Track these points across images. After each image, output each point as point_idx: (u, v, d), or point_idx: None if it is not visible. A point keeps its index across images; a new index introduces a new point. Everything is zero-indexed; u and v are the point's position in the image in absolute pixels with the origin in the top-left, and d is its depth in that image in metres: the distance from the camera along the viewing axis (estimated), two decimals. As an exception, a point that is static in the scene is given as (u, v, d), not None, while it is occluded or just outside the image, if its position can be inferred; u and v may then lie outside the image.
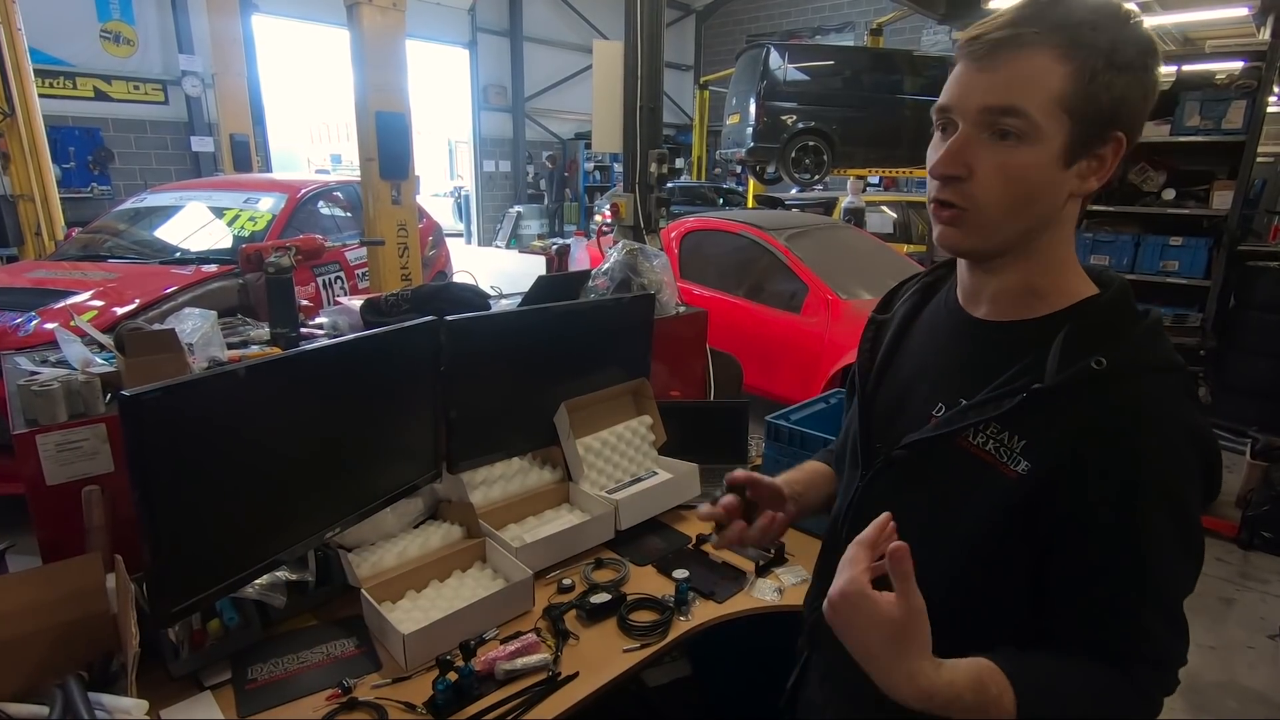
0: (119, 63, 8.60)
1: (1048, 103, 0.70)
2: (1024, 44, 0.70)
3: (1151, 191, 5.11)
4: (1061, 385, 0.73)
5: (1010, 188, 0.73)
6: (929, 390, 0.86)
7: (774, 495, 1.03)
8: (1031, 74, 0.70)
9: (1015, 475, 0.75)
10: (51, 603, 1.16)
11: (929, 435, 0.82)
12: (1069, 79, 0.69)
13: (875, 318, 1.01)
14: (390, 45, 4.04)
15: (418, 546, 1.52)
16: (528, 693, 1.22)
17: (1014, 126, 0.71)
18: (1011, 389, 0.76)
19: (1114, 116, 0.71)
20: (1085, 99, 0.70)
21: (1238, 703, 2.49)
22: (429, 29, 12.02)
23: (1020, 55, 0.70)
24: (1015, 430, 0.76)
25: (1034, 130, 0.70)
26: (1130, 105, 0.72)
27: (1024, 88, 0.70)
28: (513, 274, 8.64)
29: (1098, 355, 0.71)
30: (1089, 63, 0.69)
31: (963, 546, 0.79)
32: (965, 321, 0.86)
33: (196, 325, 1.66)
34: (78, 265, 4.00)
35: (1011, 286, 0.80)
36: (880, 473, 0.89)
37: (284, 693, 1.20)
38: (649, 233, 3.79)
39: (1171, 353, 0.76)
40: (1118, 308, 0.78)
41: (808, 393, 3.70)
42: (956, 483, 0.80)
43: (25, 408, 1.39)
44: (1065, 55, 0.69)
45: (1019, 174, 0.72)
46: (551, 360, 1.78)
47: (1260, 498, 3.44)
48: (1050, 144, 0.71)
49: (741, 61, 8.90)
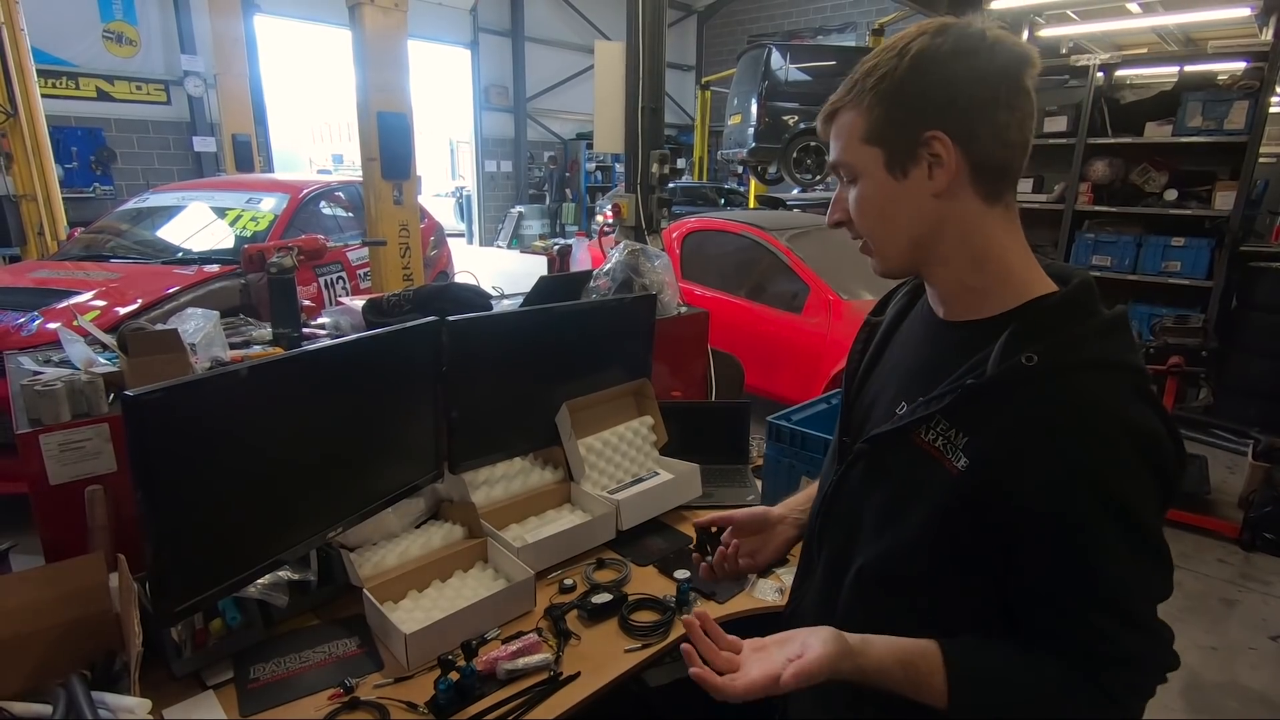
0: (121, 63, 8.60)
1: (855, 144, 0.83)
2: (838, 112, 0.85)
3: (1154, 192, 5.11)
4: (994, 381, 0.75)
5: (868, 214, 0.85)
6: (896, 389, 0.91)
7: (754, 523, 1.13)
8: (843, 130, 0.84)
9: (956, 471, 0.77)
10: (54, 602, 1.17)
11: (885, 430, 0.86)
12: (861, 119, 0.81)
13: (869, 320, 1.05)
14: (392, 45, 4.05)
15: (419, 546, 1.53)
16: (529, 692, 1.22)
17: (848, 174, 0.85)
18: (954, 386, 0.79)
19: (911, 124, 0.79)
20: (876, 127, 0.81)
21: (1239, 704, 2.48)
22: (430, 29, 12.02)
23: (836, 122, 0.85)
24: (959, 427, 0.78)
25: (857, 169, 0.83)
26: (925, 109, 0.78)
27: (842, 143, 0.84)
28: (514, 274, 8.64)
29: (1030, 351, 0.74)
30: (863, 99, 0.81)
31: (917, 540, 0.82)
32: (934, 323, 0.90)
33: (199, 325, 1.66)
34: (80, 265, 4.00)
35: (949, 288, 0.86)
36: (848, 467, 0.92)
37: (286, 692, 1.20)
38: (651, 233, 3.78)
39: (1121, 351, 0.76)
40: (1069, 304, 0.78)
41: (809, 393, 3.69)
42: (909, 477, 0.83)
43: (29, 407, 1.40)
44: (854, 104, 0.82)
45: (867, 202, 0.84)
46: (553, 360, 1.78)
47: (1262, 499, 3.43)
48: (873, 170, 0.82)
49: (743, 62, 8.88)
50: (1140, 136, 5.07)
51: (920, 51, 0.77)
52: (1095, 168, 5.26)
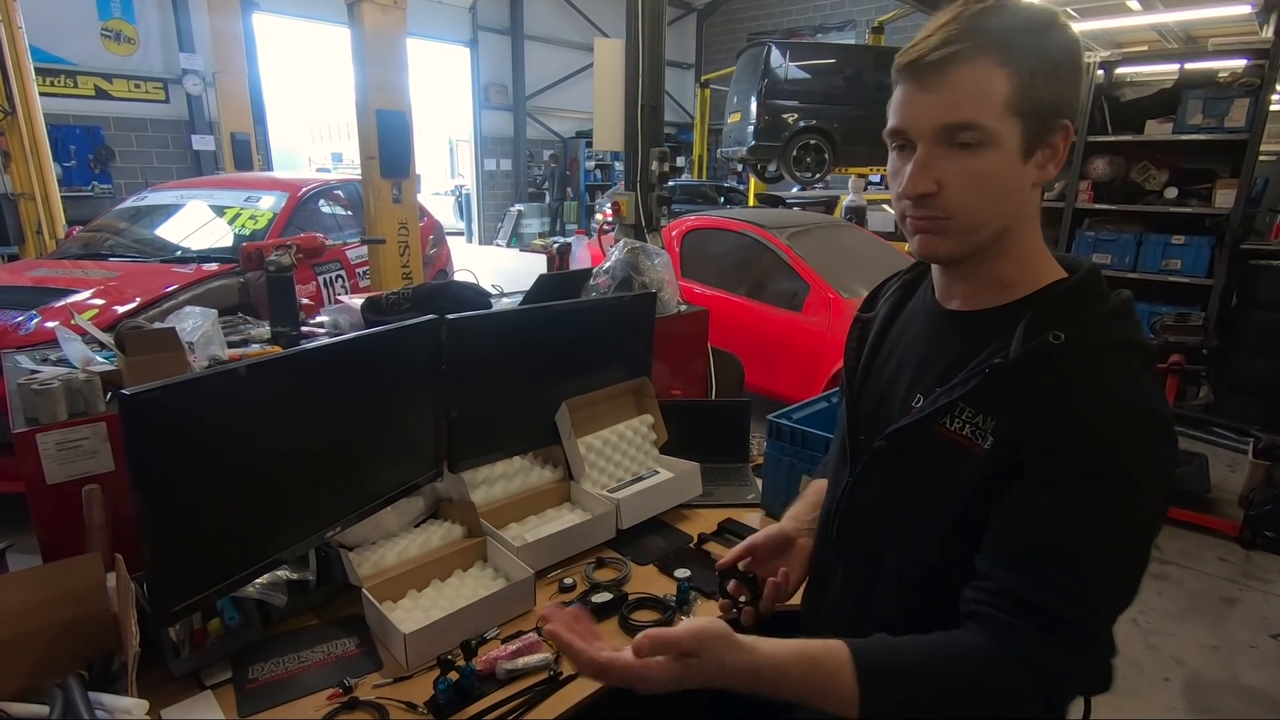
0: (120, 61, 8.59)
1: (998, 108, 0.73)
2: (964, 59, 0.73)
3: (1154, 190, 5.11)
4: (1020, 360, 0.75)
5: (982, 191, 0.76)
6: (908, 383, 0.89)
7: (776, 545, 1.05)
8: (977, 86, 0.73)
9: (983, 451, 0.76)
10: (52, 602, 1.16)
11: (907, 423, 0.84)
12: (1011, 82, 0.73)
13: (860, 317, 1.03)
14: (391, 43, 4.04)
15: (419, 545, 1.52)
16: (529, 692, 1.22)
17: (972, 139, 0.74)
18: (976, 370, 0.78)
19: (1057, 108, 0.75)
20: (1029, 99, 0.74)
21: (1240, 702, 2.48)
22: (430, 27, 12.01)
23: (962, 69, 0.73)
24: (985, 410, 0.77)
25: (991, 137, 0.74)
26: (1069, 95, 0.76)
27: (973, 101, 0.73)
28: (513, 272, 8.64)
29: (1056, 331, 0.74)
30: (1026, 65, 0.73)
31: (945, 532, 0.80)
32: (941, 315, 0.89)
33: (197, 324, 1.66)
34: (78, 264, 3.99)
35: (985, 280, 0.83)
36: (866, 467, 0.90)
37: (285, 692, 1.20)
38: (650, 231, 3.78)
39: (1135, 332, 0.78)
40: (1083, 289, 0.80)
41: (809, 391, 3.69)
42: (937, 469, 0.81)
43: (25, 406, 1.39)
44: (1003, 62, 0.73)
45: (987, 177, 0.75)
46: (553, 359, 1.77)
47: (1262, 497, 3.43)
48: (1008, 145, 0.75)
49: (742, 60, 8.88)
50: (1141, 134, 5.07)
51: (1065, 29, 0.75)
52: (1095, 165, 5.26)
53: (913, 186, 0.77)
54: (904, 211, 0.81)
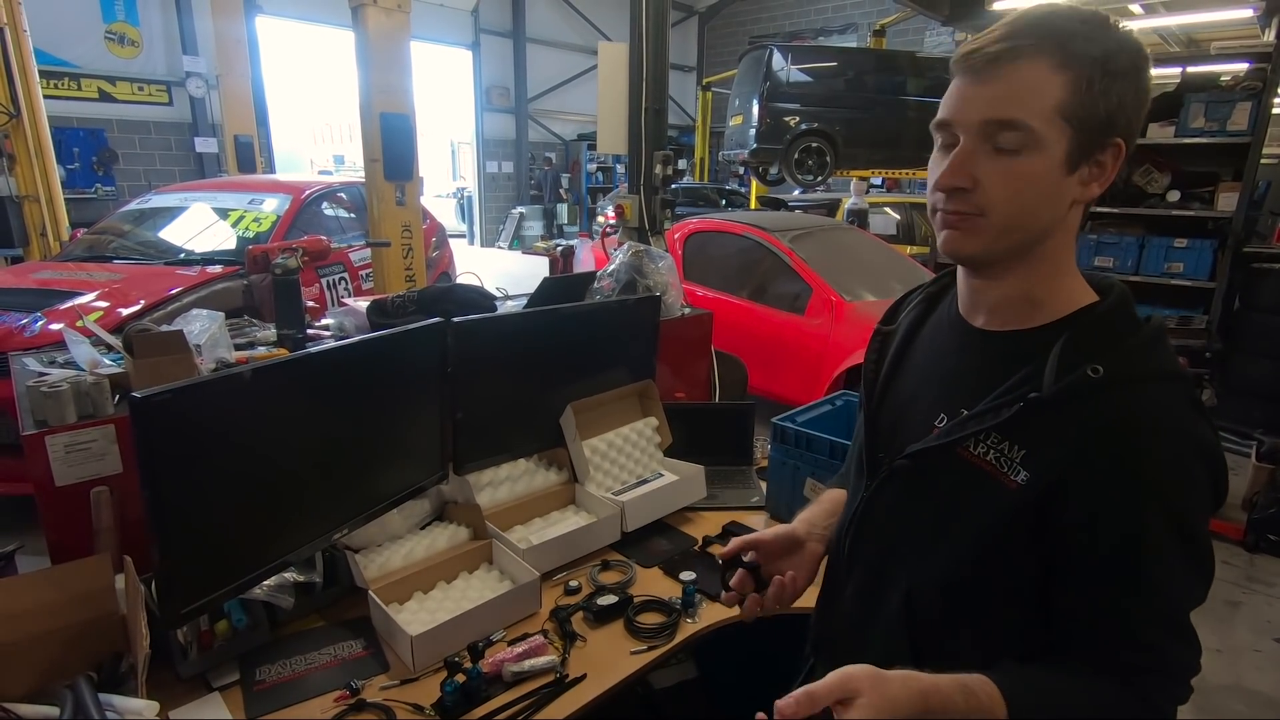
0: (123, 64, 8.61)
1: (1047, 112, 0.71)
2: (1020, 55, 0.71)
3: (1156, 193, 5.10)
4: (1059, 394, 0.72)
5: (1017, 195, 0.73)
6: (931, 401, 0.87)
7: (784, 545, 1.01)
8: (1030, 85, 0.71)
9: (1015, 485, 0.75)
10: (61, 604, 1.17)
11: (931, 445, 0.82)
12: (1066, 88, 0.70)
13: (881, 329, 1.01)
14: (395, 47, 4.05)
15: (425, 548, 1.53)
16: (535, 694, 1.22)
17: (1015, 140, 0.72)
18: (1010, 399, 0.76)
19: (1112, 122, 0.72)
20: (1084, 107, 0.71)
21: (1245, 706, 2.48)
22: (432, 30, 12.03)
23: (1018, 67, 0.71)
24: (1015, 440, 0.76)
25: (1036, 140, 0.71)
26: (1126, 111, 0.73)
27: (1023, 99, 0.71)
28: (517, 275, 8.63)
29: (1095, 364, 0.71)
30: (1085, 71, 0.70)
31: (965, 556, 0.79)
32: (966, 332, 0.86)
33: (204, 326, 1.67)
34: (83, 266, 4.00)
35: (1011, 295, 0.80)
36: (884, 483, 0.89)
37: (292, 694, 1.20)
38: (654, 234, 3.78)
39: (1173, 361, 0.76)
40: (1117, 315, 0.77)
41: (812, 394, 3.69)
42: (958, 493, 0.80)
43: (34, 408, 1.40)
44: (1061, 65, 0.70)
45: (1025, 182, 0.73)
46: (557, 362, 1.78)
47: (1266, 500, 3.42)
48: (1052, 152, 0.72)
49: (744, 63, 8.89)
50: (1143, 137, 5.05)
51: (1136, 47, 0.71)
52: (1097, 168, 5.25)
53: (948, 178, 0.75)
54: (935, 205, 0.78)
